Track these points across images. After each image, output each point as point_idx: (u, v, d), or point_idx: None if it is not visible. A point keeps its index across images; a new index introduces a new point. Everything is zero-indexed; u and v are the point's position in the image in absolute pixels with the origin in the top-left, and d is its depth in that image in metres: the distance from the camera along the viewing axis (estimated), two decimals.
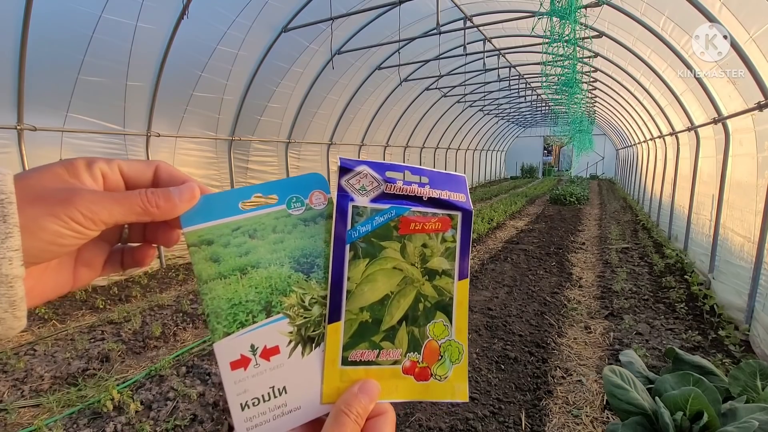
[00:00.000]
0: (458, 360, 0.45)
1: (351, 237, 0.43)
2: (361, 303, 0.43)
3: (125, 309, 4.97)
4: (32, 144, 4.90)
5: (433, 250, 0.45)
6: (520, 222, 11.32)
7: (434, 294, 0.45)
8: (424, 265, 0.45)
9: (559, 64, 6.79)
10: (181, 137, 6.78)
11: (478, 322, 4.56)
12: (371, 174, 0.44)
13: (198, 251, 0.41)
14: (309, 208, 0.43)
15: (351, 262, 0.43)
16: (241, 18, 6.22)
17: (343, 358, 0.42)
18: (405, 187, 0.44)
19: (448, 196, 0.46)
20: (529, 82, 13.81)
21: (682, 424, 1.92)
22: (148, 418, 2.97)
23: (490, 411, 3.06)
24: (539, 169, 33.01)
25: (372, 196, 0.44)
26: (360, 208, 0.43)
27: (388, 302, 0.44)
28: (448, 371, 0.45)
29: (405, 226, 0.44)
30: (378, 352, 0.43)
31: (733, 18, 4.19)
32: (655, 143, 10.52)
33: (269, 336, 0.41)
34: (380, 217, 0.44)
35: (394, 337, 0.44)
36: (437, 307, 0.45)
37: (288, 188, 0.43)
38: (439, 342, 0.45)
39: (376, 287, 0.43)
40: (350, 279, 0.43)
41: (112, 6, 4.89)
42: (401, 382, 0.44)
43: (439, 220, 0.45)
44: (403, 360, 0.44)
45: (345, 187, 0.43)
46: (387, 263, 0.44)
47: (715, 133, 5.72)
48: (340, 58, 8.25)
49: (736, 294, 4.40)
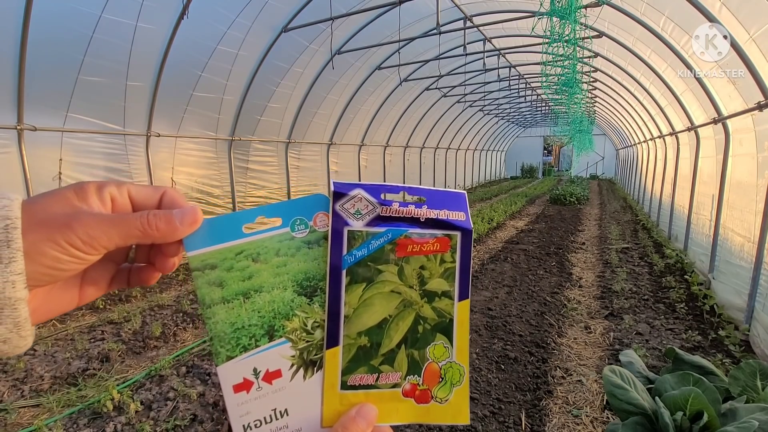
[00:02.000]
0: (459, 382, 0.45)
1: (347, 262, 0.42)
2: (359, 328, 0.43)
3: (125, 309, 4.97)
4: (32, 144, 4.90)
5: (431, 271, 0.44)
6: (520, 222, 11.32)
7: (434, 316, 0.45)
8: (423, 287, 0.44)
9: (559, 64, 6.79)
10: (181, 137, 6.78)
11: (478, 322, 4.56)
12: (366, 197, 0.43)
13: (201, 276, 0.41)
14: (313, 230, 0.43)
15: (348, 287, 0.43)
16: (241, 18, 6.22)
17: (342, 382, 0.42)
18: (402, 209, 0.44)
19: (447, 215, 0.45)
20: (529, 82, 13.81)
21: (682, 424, 1.92)
22: (148, 418, 2.97)
23: (490, 411, 3.06)
24: (539, 169, 33.01)
25: (367, 219, 0.43)
26: (356, 232, 0.43)
27: (387, 326, 0.44)
28: (449, 393, 0.44)
29: (402, 249, 0.44)
30: (377, 376, 0.43)
31: (733, 18, 4.19)
32: (655, 143, 10.52)
33: (272, 360, 0.42)
34: (376, 241, 0.43)
35: (393, 361, 0.44)
36: (437, 329, 0.45)
37: (292, 210, 0.43)
38: (440, 364, 0.44)
39: (373, 311, 0.43)
40: (347, 304, 0.42)
41: (112, 6, 4.89)
42: (401, 405, 0.44)
43: (437, 240, 0.44)
44: (402, 383, 0.44)
45: (339, 212, 0.42)
46: (384, 287, 0.44)
47: (715, 133, 5.72)
48: (340, 58, 8.25)
49: (736, 294, 4.40)
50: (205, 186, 7.32)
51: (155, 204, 0.40)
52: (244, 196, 8.18)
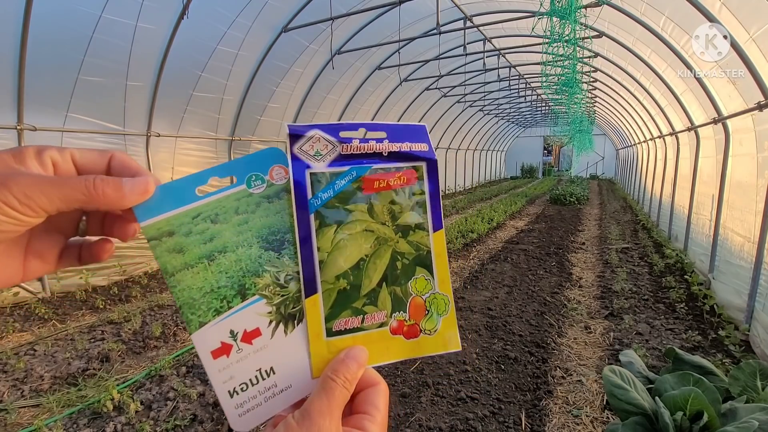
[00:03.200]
0: (445, 311, 0.44)
1: (314, 206, 0.41)
2: (336, 271, 0.42)
3: (125, 309, 4.97)
4: (32, 144, 4.89)
5: (402, 205, 0.44)
6: (520, 222, 11.32)
7: (411, 250, 0.44)
8: (396, 222, 0.44)
9: (559, 64, 6.78)
10: (181, 137, 6.78)
11: (478, 322, 4.56)
12: (324, 137, 0.41)
13: (159, 244, 0.39)
14: (270, 185, 0.41)
15: (318, 231, 0.41)
16: (241, 18, 6.22)
17: (328, 329, 0.41)
18: (362, 146, 0.42)
19: (410, 147, 0.44)
20: (529, 82, 13.81)
21: (682, 424, 1.92)
22: (148, 418, 2.97)
23: (490, 411, 3.06)
24: (539, 169, 33.00)
25: (329, 160, 0.42)
26: (318, 174, 0.41)
27: (364, 266, 0.43)
28: (437, 324, 0.44)
29: (369, 185, 0.43)
30: (362, 318, 0.42)
31: (733, 18, 4.19)
32: (655, 143, 10.52)
33: (248, 319, 0.40)
34: (341, 181, 0.42)
35: (376, 300, 0.43)
36: (416, 263, 0.44)
37: (245, 167, 0.41)
38: (424, 297, 0.44)
39: (348, 253, 0.42)
40: (320, 249, 0.41)
41: (112, 6, 4.89)
42: (391, 343, 0.43)
43: (403, 173, 0.44)
44: (389, 321, 0.43)
45: (298, 154, 0.41)
46: (356, 227, 0.42)
47: (715, 133, 5.72)
48: (340, 58, 8.24)
49: (736, 294, 4.40)
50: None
51: (103, 169, 0.38)
52: None
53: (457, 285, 5.93)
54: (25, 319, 4.69)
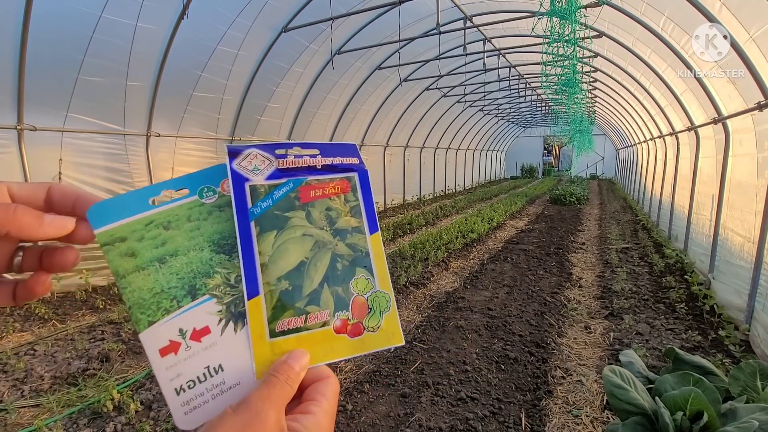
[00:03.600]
0: (387, 308, 0.46)
1: (254, 214, 0.44)
2: (278, 273, 0.43)
3: (125, 309, 4.97)
4: (32, 144, 4.90)
5: (338, 211, 0.47)
6: (520, 222, 11.32)
7: (349, 252, 0.46)
8: (333, 227, 0.47)
9: (559, 64, 6.78)
10: (181, 137, 6.78)
11: (479, 322, 4.56)
12: (261, 154, 0.45)
13: (112, 249, 0.40)
14: (222, 195, 0.44)
15: (259, 237, 0.43)
16: (241, 18, 6.22)
17: (271, 330, 0.42)
18: (297, 160, 0.46)
19: (341, 161, 0.48)
20: (529, 82, 13.81)
21: (682, 424, 1.92)
22: (148, 418, 2.97)
23: (490, 411, 3.06)
24: (539, 169, 33.00)
25: (267, 173, 0.45)
26: (257, 186, 0.44)
27: (305, 268, 0.45)
28: (380, 321, 0.46)
29: (305, 195, 0.46)
30: (305, 317, 0.43)
31: (733, 18, 4.18)
32: (655, 143, 10.52)
33: (197, 318, 0.41)
34: (279, 191, 0.45)
35: (318, 300, 0.44)
36: (355, 264, 0.46)
37: (198, 180, 0.44)
38: (365, 296, 0.46)
39: (289, 255, 0.44)
40: (262, 253, 0.43)
41: (112, 6, 4.89)
42: (335, 342, 0.44)
43: (337, 183, 0.47)
44: (332, 320, 0.44)
45: (238, 170, 0.44)
46: (296, 231, 0.45)
47: (715, 133, 5.72)
48: (340, 58, 8.24)
49: (736, 294, 4.40)
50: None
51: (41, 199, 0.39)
52: None
53: (457, 285, 5.93)
54: (25, 319, 4.69)
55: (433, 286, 5.96)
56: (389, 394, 3.28)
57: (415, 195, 15.88)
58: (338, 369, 3.71)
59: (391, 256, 7.34)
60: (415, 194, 15.92)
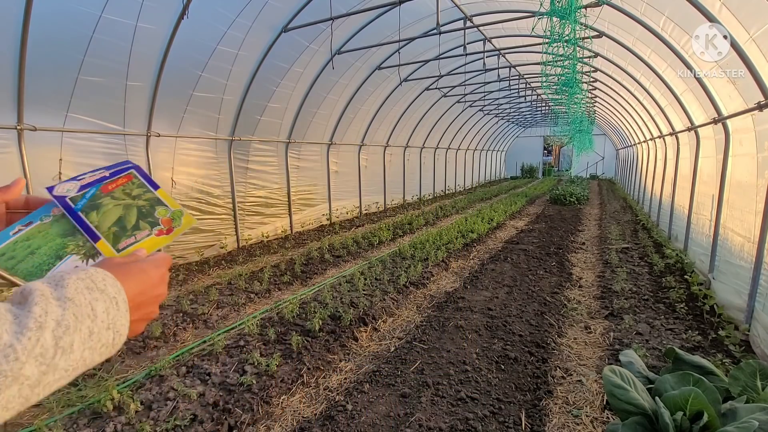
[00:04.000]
0: (181, 213, 0.76)
1: (78, 208, 0.71)
2: (107, 225, 0.71)
3: None
4: (32, 144, 4.90)
5: (131, 189, 0.77)
6: (520, 222, 11.32)
7: (146, 203, 0.76)
8: (132, 196, 0.76)
9: (559, 64, 6.78)
10: (181, 137, 6.78)
11: (479, 322, 4.56)
12: (67, 184, 0.74)
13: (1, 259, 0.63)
14: (54, 215, 0.70)
15: (88, 216, 0.71)
16: (241, 18, 6.22)
17: (116, 249, 0.69)
18: (91, 177, 0.77)
19: (119, 168, 0.80)
20: (529, 82, 13.80)
21: (682, 424, 1.92)
22: (148, 418, 2.97)
23: (490, 411, 3.06)
24: (539, 169, 32.99)
25: (75, 190, 0.73)
26: (74, 196, 0.72)
27: (124, 217, 0.73)
28: (180, 221, 0.76)
29: (106, 189, 0.76)
30: (134, 237, 0.71)
31: (733, 18, 4.18)
32: (655, 143, 10.52)
33: (69, 266, 0.65)
34: (88, 193, 0.74)
35: (139, 228, 0.73)
36: (154, 205, 0.76)
37: (36, 215, 0.69)
38: (168, 215, 0.76)
39: (110, 216, 0.72)
40: (92, 222, 0.70)
41: (112, 6, 4.89)
42: (159, 240, 0.73)
43: (124, 177, 0.79)
44: (153, 232, 0.73)
45: (57, 195, 0.72)
46: (110, 204, 0.74)
47: (715, 133, 5.72)
48: (340, 58, 8.24)
49: (736, 294, 4.40)
50: (205, 186, 7.32)
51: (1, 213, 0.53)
52: (244, 195, 8.17)
53: (457, 285, 5.94)
54: None
55: (433, 286, 5.96)
56: (389, 394, 3.28)
57: (415, 195, 15.88)
58: (338, 369, 3.72)
59: (391, 256, 7.34)
60: (415, 194, 15.92)
